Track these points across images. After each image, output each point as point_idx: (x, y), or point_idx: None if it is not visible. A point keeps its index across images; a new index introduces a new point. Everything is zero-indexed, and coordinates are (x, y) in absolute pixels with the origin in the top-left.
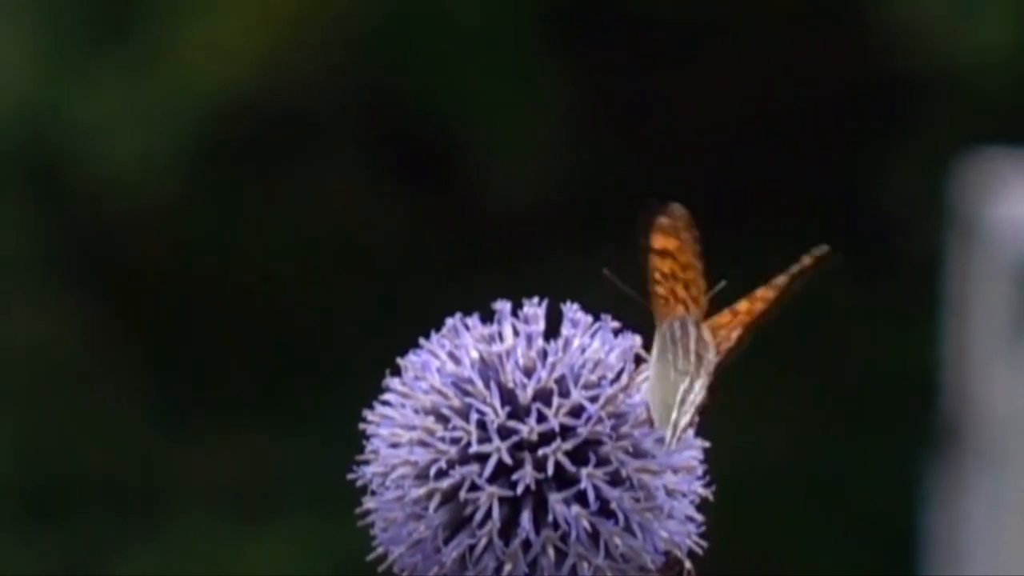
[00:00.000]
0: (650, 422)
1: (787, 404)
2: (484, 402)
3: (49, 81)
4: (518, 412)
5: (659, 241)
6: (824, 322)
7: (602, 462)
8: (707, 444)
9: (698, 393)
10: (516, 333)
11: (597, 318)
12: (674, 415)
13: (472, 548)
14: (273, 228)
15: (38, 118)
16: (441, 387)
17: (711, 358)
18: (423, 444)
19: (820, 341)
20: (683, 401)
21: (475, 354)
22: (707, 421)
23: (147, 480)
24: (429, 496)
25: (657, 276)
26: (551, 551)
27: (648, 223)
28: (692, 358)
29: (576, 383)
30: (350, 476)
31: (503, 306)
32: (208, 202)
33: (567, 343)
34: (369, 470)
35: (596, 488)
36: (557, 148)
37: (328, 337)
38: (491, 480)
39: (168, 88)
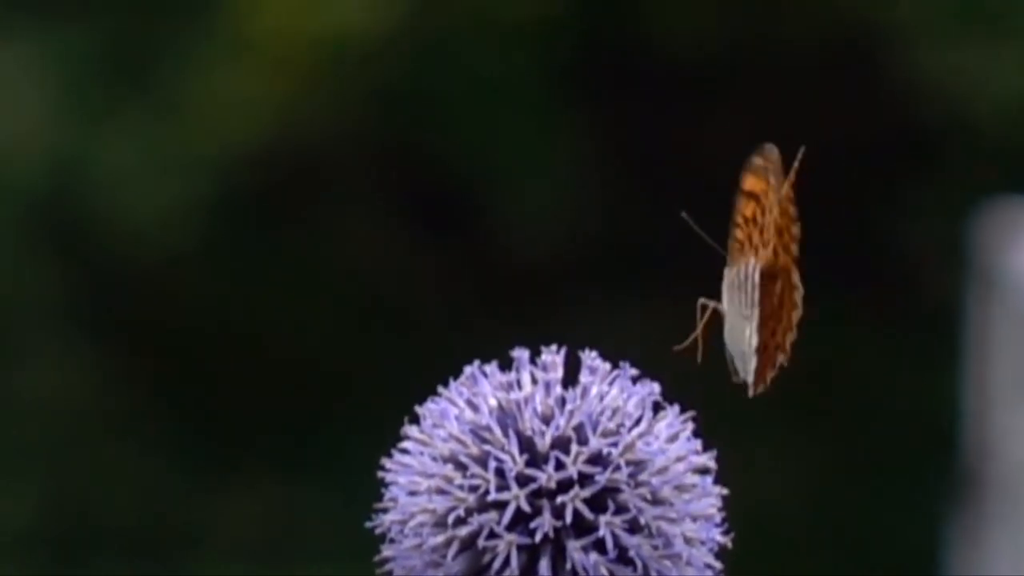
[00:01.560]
0: (734, 371)
1: (807, 451)
2: (502, 450)
3: (69, 132)
4: (536, 460)
5: (749, 182)
6: (844, 370)
7: (620, 509)
8: (726, 491)
9: (752, 336)
10: (534, 381)
11: (616, 365)
12: (748, 363)
13: None
14: (293, 278)
15: (58, 169)
16: (459, 435)
17: (755, 300)
18: (441, 492)
19: (840, 388)
20: (751, 346)
21: (493, 402)
22: (725, 468)
23: (169, 530)
24: (448, 544)
25: (739, 220)
26: None
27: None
28: (748, 300)
29: (594, 430)
30: (369, 524)
31: (521, 354)
32: (229, 252)
33: (585, 391)
34: (388, 518)
35: (614, 536)
36: (578, 196)
37: (347, 385)
38: (510, 528)
39: (188, 139)
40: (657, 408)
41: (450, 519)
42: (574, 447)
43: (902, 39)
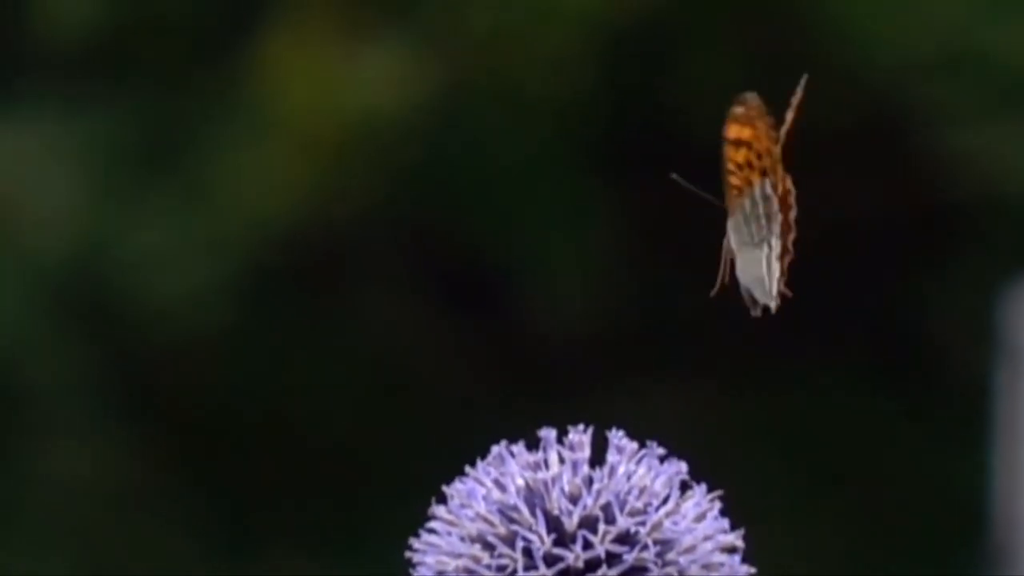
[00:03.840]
0: (752, 303)
1: (834, 528)
2: (530, 529)
3: (98, 213)
4: (564, 539)
5: (733, 131)
6: (872, 446)
7: None
8: (754, 570)
9: (775, 249)
10: (562, 460)
11: (643, 444)
12: (768, 284)
13: None
14: (320, 357)
15: (87, 250)
16: (487, 515)
17: (775, 210)
18: (469, 572)
19: (868, 464)
20: (769, 266)
21: (521, 481)
22: (753, 546)
23: None
24: None
25: (731, 167)
26: None
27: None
28: (762, 221)
29: (622, 510)
30: None
31: (548, 433)
32: (257, 332)
33: (613, 470)
34: None
35: None
36: (605, 275)
37: (375, 465)
38: None
39: (216, 219)
40: (684, 487)
41: None
42: (602, 526)
43: (931, 116)
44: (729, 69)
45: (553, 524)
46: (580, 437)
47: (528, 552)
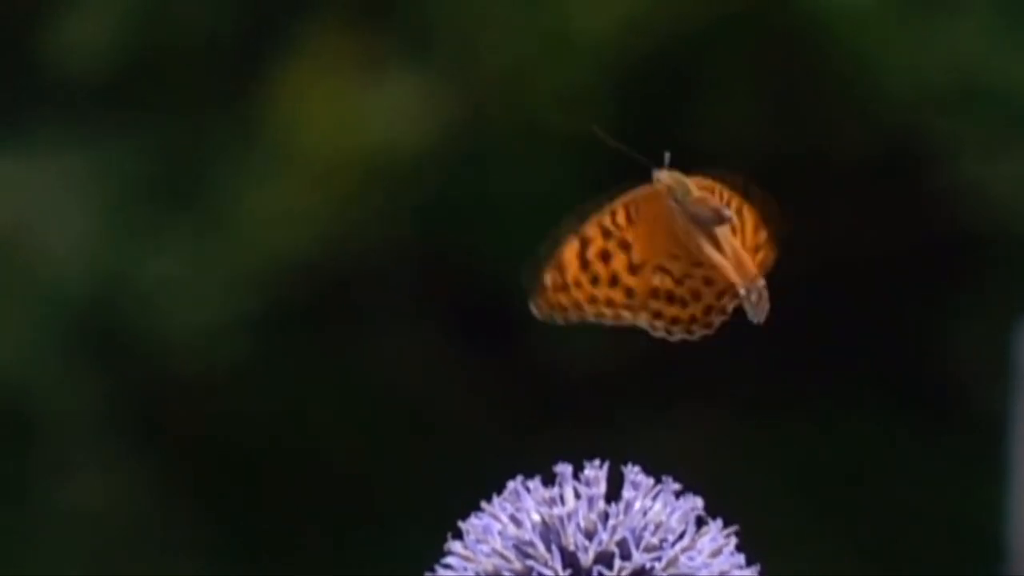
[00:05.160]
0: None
1: (851, 561)
2: (546, 565)
3: (115, 245)
4: (580, 575)
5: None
6: (888, 478)
7: None
8: None
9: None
10: (577, 496)
11: (658, 480)
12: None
13: None
14: (337, 390)
15: (104, 283)
16: (503, 550)
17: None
18: None
19: (884, 497)
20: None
21: (536, 517)
22: None
23: None
24: None
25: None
26: None
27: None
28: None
29: (638, 546)
30: None
31: (564, 469)
32: (274, 365)
33: (628, 505)
34: None
35: None
36: None
37: (391, 499)
38: None
39: (233, 251)
40: (700, 523)
41: None
42: (617, 562)
43: (947, 148)
44: (744, 103)
45: (569, 560)
46: (596, 472)
47: None
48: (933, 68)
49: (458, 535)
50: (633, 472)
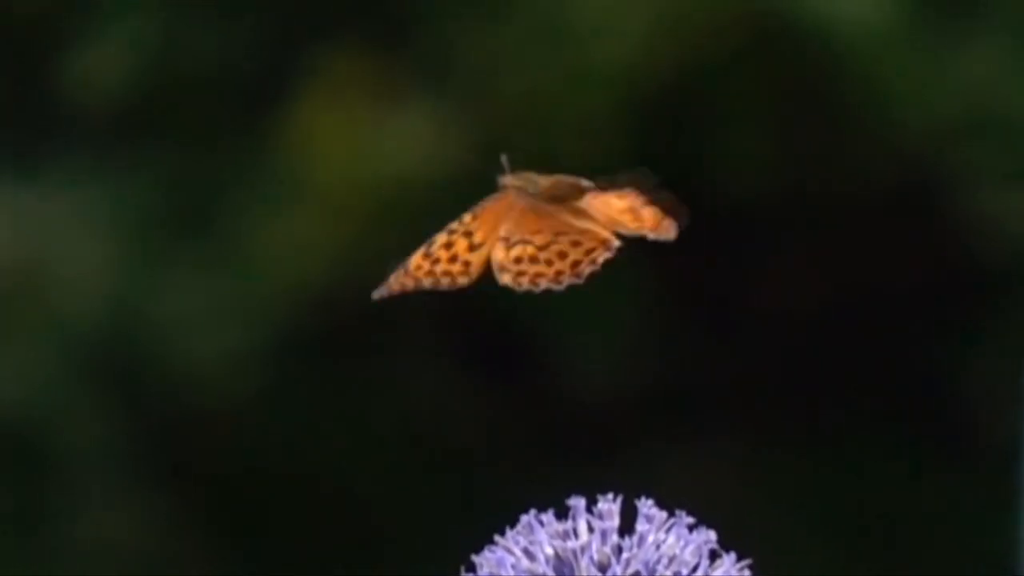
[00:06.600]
0: None
1: None
2: None
3: (129, 276)
4: None
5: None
6: (901, 513)
7: None
8: None
9: None
10: (591, 529)
11: (672, 513)
12: None
13: None
14: (353, 421)
15: (119, 314)
16: None
17: None
18: None
19: (897, 532)
20: None
21: (550, 550)
22: None
23: None
24: None
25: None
26: None
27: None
28: None
29: None
30: None
31: (577, 502)
32: (288, 396)
33: (642, 538)
34: None
35: None
36: (635, 340)
37: (404, 531)
38: None
39: (248, 283)
40: (714, 556)
41: None
42: None
43: (962, 179)
44: (759, 133)
45: None
46: (609, 506)
47: None
48: (948, 98)
49: (471, 568)
50: (646, 505)
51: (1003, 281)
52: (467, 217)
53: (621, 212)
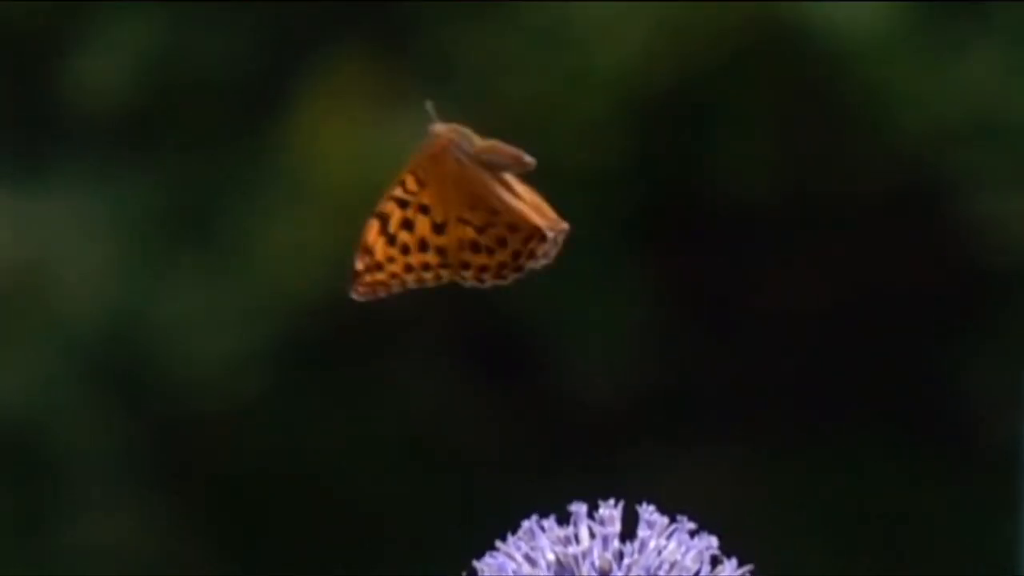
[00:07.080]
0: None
1: None
2: None
3: (131, 280)
4: None
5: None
6: (903, 516)
7: None
8: None
9: None
10: (592, 535)
11: (673, 519)
12: None
13: None
14: (355, 424)
15: (120, 317)
16: None
17: None
18: None
19: (900, 533)
20: None
21: (552, 556)
22: None
23: None
24: None
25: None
26: None
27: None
28: None
29: None
30: None
31: (579, 508)
32: (290, 400)
33: (643, 544)
34: None
35: None
36: (638, 344)
37: (405, 537)
38: None
39: (250, 287)
40: (715, 561)
41: None
42: None
43: (964, 182)
44: (760, 137)
45: None
46: (610, 512)
47: None
48: (948, 101)
49: (473, 574)
50: (648, 511)
51: (1003, 283)
52: (408, 181)
53: (538, 204)
